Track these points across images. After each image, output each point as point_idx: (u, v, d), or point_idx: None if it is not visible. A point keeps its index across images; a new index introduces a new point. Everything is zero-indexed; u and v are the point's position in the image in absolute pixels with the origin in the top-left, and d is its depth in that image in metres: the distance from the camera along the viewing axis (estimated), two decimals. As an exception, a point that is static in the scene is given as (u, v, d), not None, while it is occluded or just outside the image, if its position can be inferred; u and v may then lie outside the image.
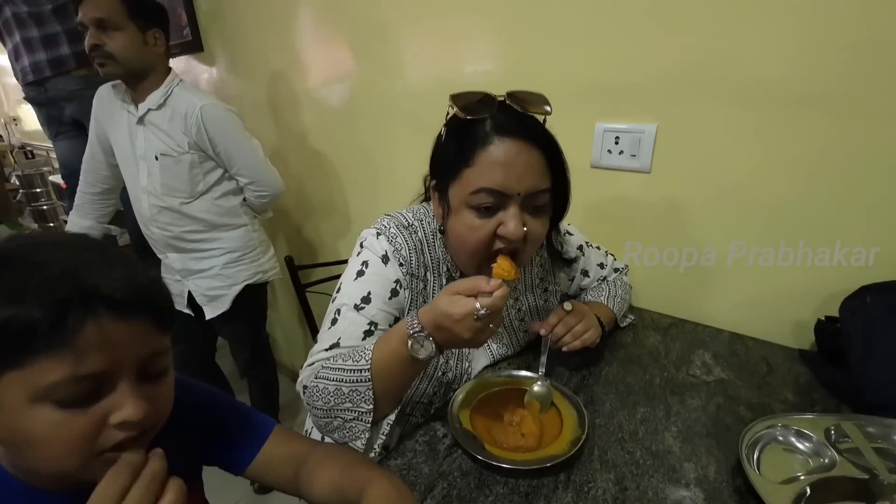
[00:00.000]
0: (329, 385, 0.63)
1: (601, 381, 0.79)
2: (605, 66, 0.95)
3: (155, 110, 1.26)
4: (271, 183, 1.39)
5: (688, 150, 0.90)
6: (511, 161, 0.61)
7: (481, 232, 0.63)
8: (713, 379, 0.79)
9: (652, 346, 0.90)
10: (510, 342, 0.86)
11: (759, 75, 0.80)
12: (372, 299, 0.70)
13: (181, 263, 1.41)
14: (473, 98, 0.63)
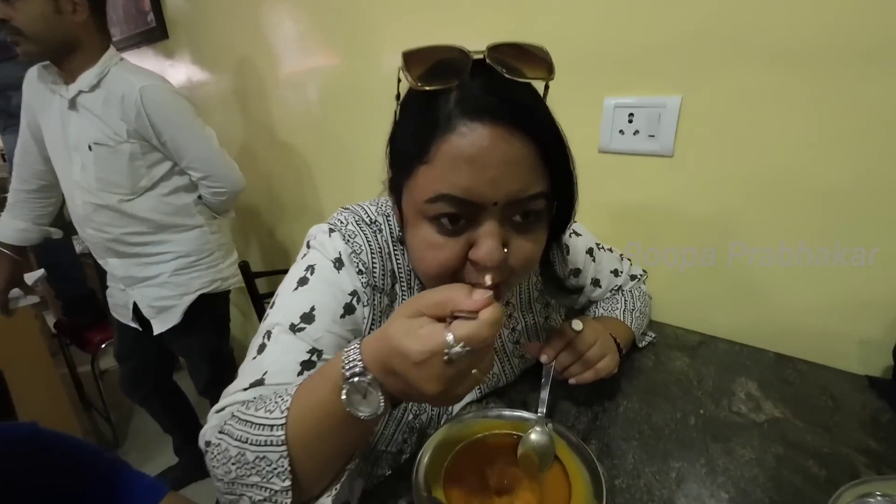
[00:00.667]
0: (231, 446, 0.42)
1: (619, 422, 0.61)
2: (614, 24, 0.77)
3: (87, 92, 1.07)
4: (228, 177, 1.20)
5: (721, 127, 0.73)
6: (484, 157, 0.40)
7: (444, 254, 0.43)
8: (765, 418, 0.61)
9: (679, 371, 0.72)
10: (501, 370, 0.68)
11: (814, 28, 0.62)
12: (316, 316, 0.51)
13: (123, 270, 1.22)
14: (434, 56, 0.41)
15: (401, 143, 0.46)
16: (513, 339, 0.68)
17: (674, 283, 0.85)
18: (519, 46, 0.43)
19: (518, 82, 0.42)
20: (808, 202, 0.69)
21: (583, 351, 0.59)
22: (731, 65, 0.69)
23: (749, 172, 0.72)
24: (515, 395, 0.67)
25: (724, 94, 0.71)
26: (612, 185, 0.86)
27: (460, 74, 0.41)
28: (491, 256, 0.41)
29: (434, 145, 0.41)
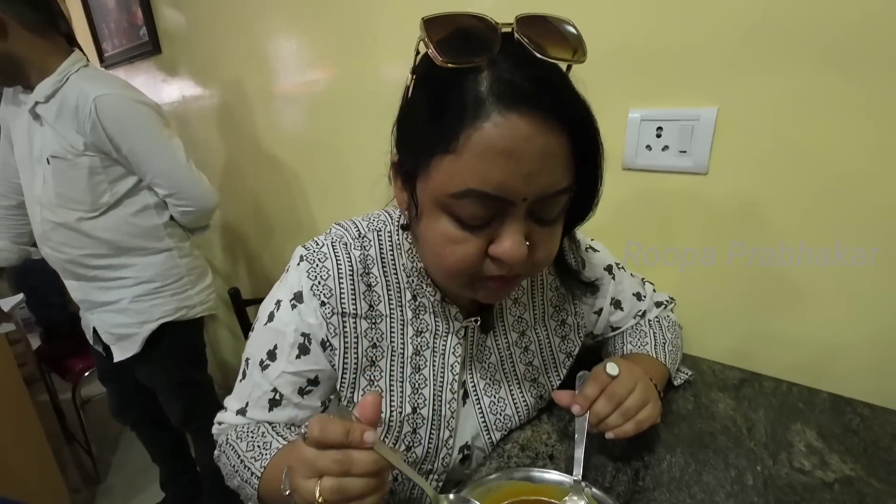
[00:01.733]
0: (229, 462, 0.54)
1: (664, 482, 0.52)
2: (639, 28, 0.70)
3: (44, 103, 0.99)
4: (195, 193, 1.10)
5: (763, 141, 0.66)
6: (520, 151, 0.36)
7: (465, 249, 0.41)
8: (835, 476, 0.52)
9: (724, 416, 0.63)
10: (512, 402, 0.60)
11: (871, 26, 0.55)
12: (277, 356, 0.53)
13: (81, 293, 1.14)
14: (461, 24, 0.37)
15: (417, 126, 0.41)
16: (525, 359, 0.60)
17: (710, 311, 0.77)
18: (547, 20, 0.39)
19: (550, 63, 0.38)
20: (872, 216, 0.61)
21: (622, 399, 0.51)
22: (779, 69, 0.61)
23: (797, 187, 0.65)
24: (541, 448, 0.59)
25: (769, 104, 0.64)
26: (638, 205, 0.79)
27: (490, 51, 0.36)
28: (515, 253, 0.39)
29: (463, 133, 0.36)
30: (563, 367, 0.64)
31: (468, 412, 0.58)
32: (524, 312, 0.61)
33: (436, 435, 0.55)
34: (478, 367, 0.58)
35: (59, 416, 1.88)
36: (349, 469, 0.34)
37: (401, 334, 0.54)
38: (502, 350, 0.59)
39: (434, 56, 0.36)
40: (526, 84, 0.36)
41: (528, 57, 0.37)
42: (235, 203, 1.71)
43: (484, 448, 0.59)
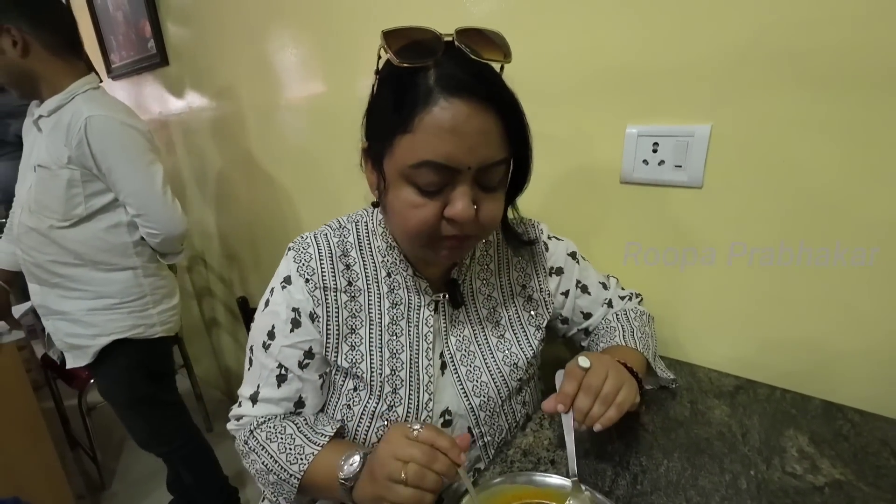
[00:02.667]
0: (258, 460, 0.60)
1: (662, 486, 0.54)
2: (637, 47, 0.73)
3: (46, 117, 1.08)
4: (163, 218, 1.13)
5: (756, 157, 0.68)
6: (462, 128, 0.46)
7: (425, 212, 0.50)
8: (825, 481, 0.54)
9: (720, 422, 0.65)
10: (487, 371, 0.65)
11: (859, 48, 0.58)
12: (276, 335, 0.61)
13: (40, 298, 1.17)
14: (412, 36, 0.47)
15: (381, 115, 0.52)
16: (497, 333, 0.67)
17: (709, 321, 0.80)
18: (481, 32, 0.49)
19: (483, 63, 0.48)
20: (855, 232, 0.64)
21: (598, 388, 0.53)
22: (770, 89, 0.64)
23: (787, 201, 0.67)
24: (542, 453, 0.61)
25: (760, 122, 0.66)
26: (634, 217, 0.82)
27: (435, 54, 0.47)
28: (464, 213, 0.49)
29: (417, 117, 0.46)
30: (534, 339, 0.70)
31: (447, 380, 0.63)
32: (493, 291, 0.69)
33: (415, 397, 0.61)
34: (453, 339, 0.65)
35: (64, 423, 1.89)
36: (432, 464, 0.44)
37: (378, 306, 0.62)
38: (474, 324, 0.66)
39: (392, 59, 0.46)
40: (464, 77, 0.46)
41: (465, 58, 0.47)
42: (239, 212, 1.74)
43: (465, 415, 0.63)
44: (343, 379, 0.63)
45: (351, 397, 0.63)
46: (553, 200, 0.89)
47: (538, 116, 0.86)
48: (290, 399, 0.62)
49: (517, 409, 0.68)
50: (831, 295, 0.68)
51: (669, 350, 0.83)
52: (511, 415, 0.67)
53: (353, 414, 0.62)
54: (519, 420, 0.69)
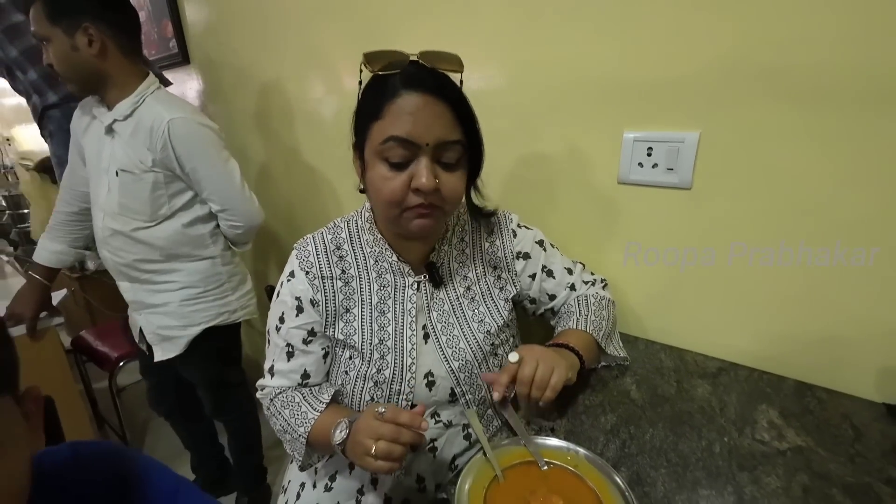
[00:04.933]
0: (277, 422, 0.74)
1: (647, 450, 0.63)
2: (633, 61, 0.81)
3: (121, 121, 1.11)
4: (245, 212, 1.21)
5: (739, 163, 0.76)
6: (419, 112, 0.59)
7: (394, 184, 0.62)
8: (788, 447, 0.63)
9: (702, 398, 0.74)
10: (464, 338, 0.75)
11: (832, 67, 0.65)
12: (285, 319, 0.74)
13: (132, 294, 1.25)
14: (385, 56, 0.61)
15: (362, 112, 0.65)
16: (472, 307, 0.78)
17: (694, 309, 0.87)
18: (440, 53, 0.63)
19: (440, 71, 0.62)
20: (828, 232, 0.72)
21: (530, 377, 0.62)
22: (752, 101, 0.71)
23: (768, 202, 0.75)
24: (543, 422, 0.69)
25: (743, 130, 0.74)
26: (630, 216, 0.89)
27: (402, 66, 0.61)
28: (427, 183, 0.59)
29: (385, 107, 0.60)
30: (504, 310, 0.79)
31: (430, 348, 0.74)
32: (468, 272, 0.79)
33: (400, 361, 0.72)
34: (434, 314, 0.75)
35: (92, 404, 2.01)
36: (399, 438, 0.55)
37: (368, 289, 0.74)
38: (452, 300, 0.76)
39: (368, 68, 0.61)
40: (422, 76, 0.60)
41: (424, 67, 0.61)
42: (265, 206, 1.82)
43: (447, 376, 0.73)
44: (341, 350, 0.75)
45: (347, 365, 0.74)
46: (556, 197, 0.97)
47: (544, 120, 0.95)
48: (297, 371, 0.75)
49: (493, 370, 0.76)
50: (808, 289, 0.75)
51: (660, 335, 0.92)
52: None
53: (350, 378, 0.74)
54: None
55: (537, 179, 0.99)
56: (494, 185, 0.75)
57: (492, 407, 0.75)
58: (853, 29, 0.63)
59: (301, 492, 0.81)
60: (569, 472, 0.57)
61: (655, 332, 0.93)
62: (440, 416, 0.74)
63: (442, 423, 0.74)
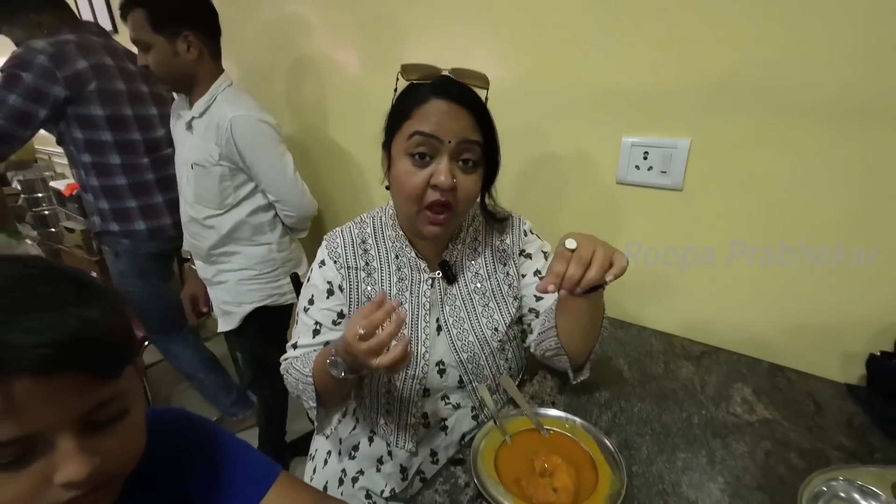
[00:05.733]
0: (291, 380, 0.77)
1: (635, 421, 0.73)
2: (632, 73, 0.89)
3: (198, 118, 1.23)
4: (297, 203, 1.32)
5: (726, 168, 0.84)
6: (443, 114, 0.66)
7: (416, 178, 0.67)
8: (757, 419, 0.72)
9: (686, 378, 0.83)
10: (473, 331, 0.80)
11: (808, 85, 0.73)
12: (314, 301, 0.80)
13: (203, 272, 1.41)
14: (420, 69, 0.69)
15: (394, 113, 0.72)
16: (482, 302, 0.82)
17: (681, 297, 0.97)
18: (469, 71, 0.71)
19: (466, 85, 0.70)
20: (801, 233, 0.80)
21: (589, 258, 0.58)
22: (737, 114, 0.80)
23: (748, 204, 0.84)
24: (545, 396, 0.79)
25: (729, 139, 0.82)
26: (627, 212, 0.98)
27: (433, 78, 0.69)
28: (444, 179, 0.66)
29: (415, 109, 0.68)
30: (512, 308, 0.83)
31: (441, 339, 0.79)
32: (479, 269, 0.83)
33: (414, 350, 0.77)
34: (447, 308, 0.80)
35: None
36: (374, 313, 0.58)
37: (388, 281, 0.80)
38: (464, 295, 0.81)
39: (403, 77, 0.69)
40: (450, 88, 0.68)
41: (454, 81, 0.69)
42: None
43: (456, 365, 0.79)
44: None
45: None
46: (561, 194, 1.06)
47: (550, 124, 1.03)
48: (319, 345, 0.78)
49: (500, 364, 0.83)
50: (783, 283, 0.84)
51: (651, 322, 1.01)
52: (494, 367, 0.83)
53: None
54: (502, 372, 0.84)
55: (543, 178, 1.07)
56: (504, 184, 0.81)
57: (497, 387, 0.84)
58: (827, 53, 0.71)
59: (328, 458, 0.90)
60: (567, 437, 0.67)
61: (647, 320, 1.02)
62: (450, 400, 0.81)
63: (451, 406, 0.82)
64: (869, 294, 0.77)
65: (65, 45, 1.28)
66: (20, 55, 1.24)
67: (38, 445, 0.36)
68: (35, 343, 0.34)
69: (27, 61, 1.22)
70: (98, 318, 0.38)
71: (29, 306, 0.35)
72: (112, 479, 0.41)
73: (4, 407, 0.33)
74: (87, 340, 0.37)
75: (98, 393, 0.38)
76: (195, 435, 0.59)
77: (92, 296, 0.39)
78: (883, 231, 0.74)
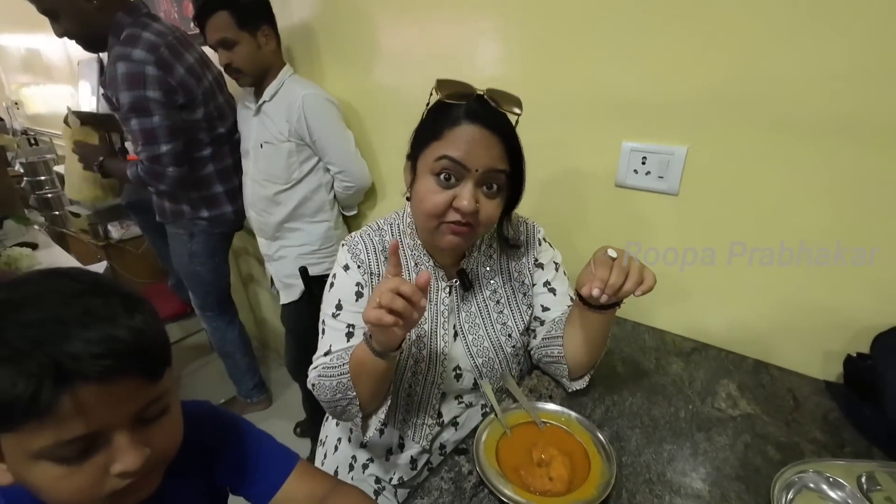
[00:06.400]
0: (326, 381, 0.72)
1: (626, 414, 0.78)
2: (634, 81, 0.91)
3: (269, 102, 1.37)
4: (358, 174, 1.43)
5: (718, 176, 0.88)
6: (474, 141, 0.66)
7: (439, 198, 0.68)
8: (739, 413, 0.78)
9: (675, 374, 0.89)
10: (488, 338, 0.83)
11: (800, 101, 0.76)
12: (343, 305, 0.78)
13: (265, 248, 1.54)
14: (455, 86, 0.69)
15: (424, 129, 0.72)
16: (497, 309, 0.85)
17: (677, 295, 1.01)
18: (505, 94, 0.70)
19: (499, 111, 0.69)
20: (787, 239, 0.85)
21: (627, 269, 0.64)
22: (732, 125, 0.83)
23: (739, 212, 0.88)
24: (543, 391, 0.85)
25: (724, 149, 0.86)
26: (625, 214, 1.02)
27: (468, 98, 0.68)
28: (467, 205, 0.67)
29: (446, 131, 0.68)
30: (525, 315, 0.86)
31: (458, 345, 0.82)
32: (494, 276, 0.86)
33: (434, 355, 0.80)
34: (463, 315, 0.83)
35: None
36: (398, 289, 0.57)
37: None
38: (480, 304, 0.84)
39: (437, 93, 0.68)
40: (483, 113, 0.68)
41: (488, 105, 0.68)
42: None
43: (471, 370, 0.82)
44: None
45: None
46: (562, 196, 1.10)
47: (555, 128, 1.06)
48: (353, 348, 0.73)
49: (513, 368, 0.88)
50: (771, 284, 0.89)
51: (645, 318, 1.06)
52: (507, 371, 0.87)
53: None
54: (514, 375, 0.88)
55: (545, 179, 1.10)
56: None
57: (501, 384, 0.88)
58: (819, 73, 0.74)
59: (338, 445, 0.95)
60: (562, 430, 0.72)
61: (642, 316, 1.07)
62: (463, 399, 0.86)
63: (464, 405, 0.86)
64: (850, 295, 0.82)
65: (158, 49, 1.33)
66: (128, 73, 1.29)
67: (98, 441, 0.41)
68: (95, 353, 0.38)
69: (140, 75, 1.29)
70: (144, 328, 0.43)
71: (86, 320, 0.40)
72: (157, 466, 0.47)
73: (73, 410, 0.38)
74: (139, 348, 0.41)
75: (147, 394, 0.43)
76: (221, 426, 0.64)
77: (134, 306, 0.44)
78: (869, 237, 0.78)
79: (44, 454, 0.39)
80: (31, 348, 0.37)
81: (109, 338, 0.39)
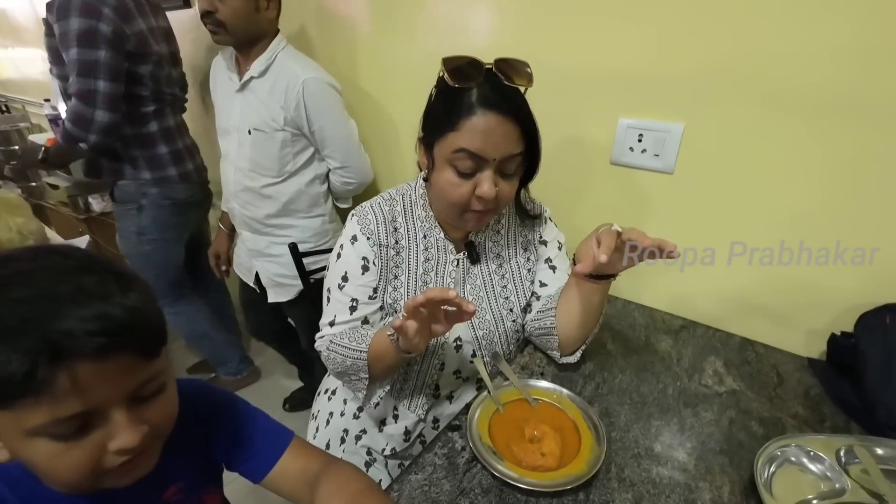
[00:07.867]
0: (338, 357, 0.76)
1: (615, 391, 0.80)
2: (632, 56, 0.89)
3: (258, 78, 1.18)
4: (361, 169, 1.31)
5: (716, 154, 0.87)
6: (490, 131, 0.66)
7: (461, 190, 0.70)
8: (725, 390, 0.80)
9: (664, 351, 0.90)
10: (490, 311, 0.85)
11: (798, 80, 0.76)
12: (349, 278, 0.80)
13: (253, 243, 1.38)
14: (462, 62, 0.67)
15: (436, 116, 0.71)
16: (501, 283, 0.86)
17: (666, 274, 1.02)
18: (513, 62, 0.69)
19: (513, 87, 0.68)
20: (779, 218, 0.85)
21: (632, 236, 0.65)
22: (729, 103, 0.82)
23: (733, 191, 0.88)
24: (535, 368, 0.86)
25: (719, 126, 0.85)
26: (619, 192, 1.01)
27: (478, 77, 0.67)
28: (489, 193, 0.69)
29: (461, 121, 0.67)
30: (527, 291, 0.88)
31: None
32: (501, 251, 0.87)
33: None
34: (468, 287, 0.84)
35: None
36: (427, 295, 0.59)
37: (415, 260, 0.82)
38: (485, 276, 0.85)
39: (448, 80, 0.67)
40: (496, 98, 0.66)
41: (499, 83, 0.67)
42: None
43: (472, 341, 0.83)
44: (387, 315, 0.82)
45: None
46: (556, 173, 1.08)
47: (552, 103, 1.04)
48: (358, 320, 0.80)
49: (511, 342, 0.89)
50: (757, 263, 0.90)
51: (635, 296, 1.07)
52: (505, 344, 0.89)
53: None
54: (511, 349, 0.90)
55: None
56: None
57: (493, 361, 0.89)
58: (819, 50, 0.72)
59: (330, 419, 0.96)
60: (554, 406, 0.74)
61: (632, 294, 1.08)
62: (461, 373, 0.87)
63: (461, 378, 0.88)
64: (836, 275, 0.83)
65: None
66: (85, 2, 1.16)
67: (95, 418, 0.40)
68: (90, 331, 0.37)
69: (96, 8, 1.17)
70: (139, 305, 0.42)
71: (79, 297, 0.38)
72: (154, 443, 0.47)
73: (69, 388, 0.37)
74: (134, 326, 0.41)
75: (144, 371, 0.43)
76: (215, 403, 0.64)
77: (128, 284, 0.43)
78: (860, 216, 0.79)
79: (40, 431, 0.38)
80: (23, 325, 0.36)
81: (104, 315, 0.38)
